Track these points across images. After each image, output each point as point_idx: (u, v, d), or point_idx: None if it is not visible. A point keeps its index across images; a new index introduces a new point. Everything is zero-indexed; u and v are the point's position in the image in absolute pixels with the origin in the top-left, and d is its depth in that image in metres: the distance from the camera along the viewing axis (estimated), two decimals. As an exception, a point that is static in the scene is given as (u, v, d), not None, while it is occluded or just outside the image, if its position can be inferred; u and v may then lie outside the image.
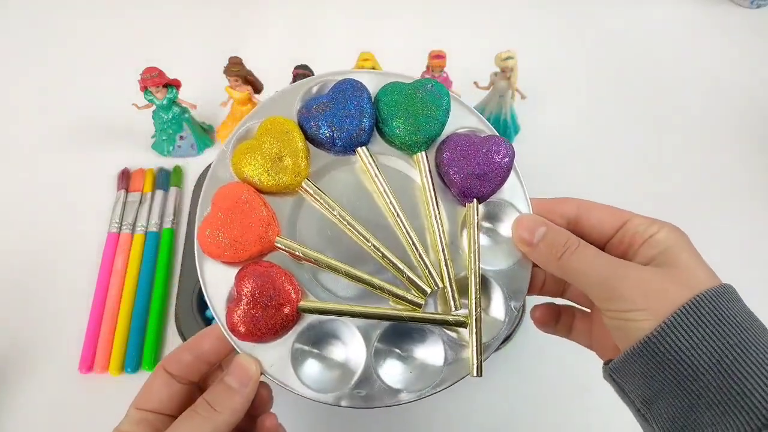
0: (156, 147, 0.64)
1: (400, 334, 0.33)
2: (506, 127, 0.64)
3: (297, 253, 0.33)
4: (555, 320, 0.37)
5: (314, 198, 0.34)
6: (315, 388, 0.32)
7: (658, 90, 0.71)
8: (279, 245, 0.33)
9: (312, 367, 0.32)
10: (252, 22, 0.77)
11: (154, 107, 0.60)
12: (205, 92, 0.64)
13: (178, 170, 0.63)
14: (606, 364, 0.31)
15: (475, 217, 0.34)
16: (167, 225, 0.58)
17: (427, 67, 0.58)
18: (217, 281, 0.33)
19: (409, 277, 0.33)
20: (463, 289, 0.34)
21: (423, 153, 0.35)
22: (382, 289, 0.33)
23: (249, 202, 0.33)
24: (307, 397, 0.32)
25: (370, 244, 0.33)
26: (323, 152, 0.35)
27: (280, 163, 0.33)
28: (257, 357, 0.32)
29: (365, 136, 0.34)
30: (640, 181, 0.63)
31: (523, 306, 0.52)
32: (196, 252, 0.33)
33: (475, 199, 0.35)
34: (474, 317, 0.33)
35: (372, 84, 0.36)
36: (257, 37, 0.75)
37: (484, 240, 0.35)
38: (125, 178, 0.61)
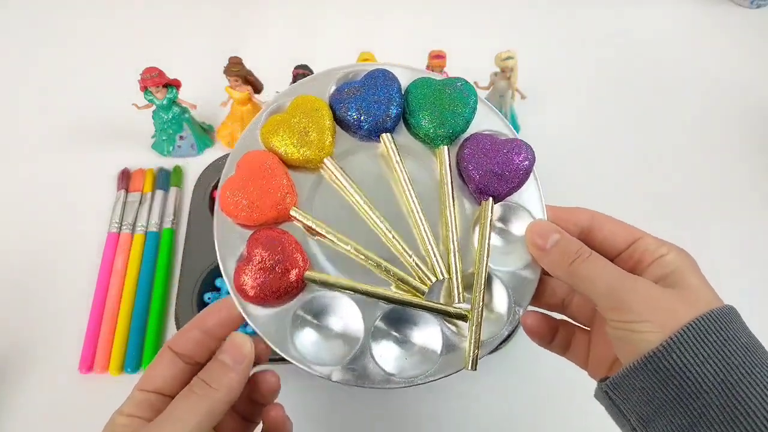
0: (156, 147, 0.64)
1: (400, 319, 0.34)
2: (506, 127, 0.64)
3: (310, 224, 0.34)
4: (551, 334, 0.36)
5: (334, 176, 0.35)
6: (310, 358, 0.32)
7: (658, 90, 0.71)
8: (294, 215, 0.34)
9: (309, 338, 0.33)
10: (252, 22, 0.77)
11: (154, 107, 0.60)
12: (205, 92, 0.64)
13: (178, 170, 0.63)
14: (601, 381, 0.31)
15: (489, 215, 0.35)
16: (167, 225, 0.59)
17: (427, 67, 0.58)
18: (231, 243, 0.34)
19: (416, 263, 0.34)
20: (468, 285, 0.34)
21: (445, 147, 0.36)
22: (388, 270, 0.33)
23: (272, 170, 0.34)
24: (300, 366, 0.32)
25: (382, 227, 0.34)
26: (348, 138, 0.36)
27: (306, 137, 0.34)
28: (266, 330, 0.33)
29: (391, 123, 0.36)
30: (640, 181, 0.63)
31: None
32: (215, 212, 0.34)
33: (490, 198, 0.35)
34: (476, 311, 0.33)
35: (404, 77, 0.37)
36: (257, 37, 0.75)
37: (495, 240, 0.35)
38: (125, 178, 0.62)
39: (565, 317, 0.37)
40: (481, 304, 0.33)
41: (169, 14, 0.78)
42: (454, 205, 0.35)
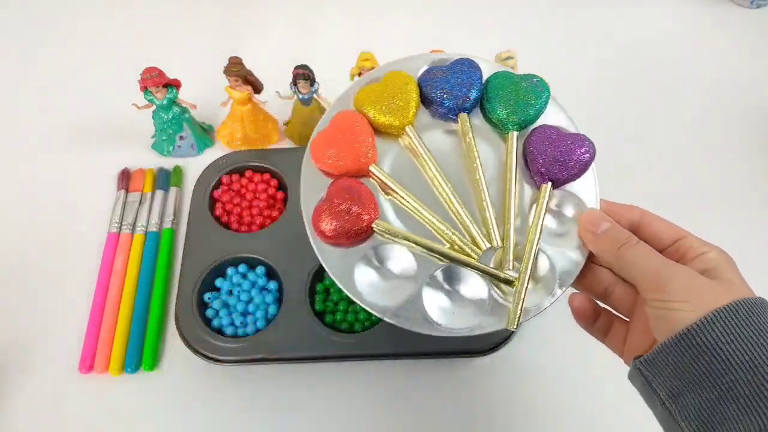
0: (156, 147, 0.64)
1: (452, 278, 0.37)
2: (506, 127, 0.64)
3: (385, 181, 0.38)
4: (594, 318, 0.38)
5: (411, 144, 0.40)
6: (366, 297, 0.36)
7: (658, 90, 0.71)
8: (373, 170, 0.39)
9: (369, 279, 0.37)
10: (252, 22, 0.77)
11: (154, 107, 0.60)
12: (205, 92, 0.64)
13: (178, 170, 0.63)
14: (636, 359, 0.33)
15: (546, 197, 0.38)
16: (167, 225, 0.59)
17: (427, 67, 0.58)
18: (314, 187, 0.39)
19: (475, 230, 0.38)
20: (518, 256, 0.37)
21: (515, 132, 0.40)
22: (447, 232, 0.37)
23: (360, 128, 0.39)
24: (359, 302, 0.36)
25: (448, 192, 0.38)
26: (427, 115, 0.41)
27: (392, 106, 0.39)
28: (334, 264, 0.37)
29: (469, 104, 0.40)
30: (640, 181, 0.63)
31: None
32: (304, 159, 0.39)
33: (549, 182, 0.38)
34: (524, 276, 0.36)
35: (486, 70, 0.41)
36: (257, 37, 0.75)
37: (549, 221, 0.38)
38: (125, 178, 0.62)
39: (606, 307, 0.39)
40: (528, 272, 0.36)
41: (169, 14, 0.78)
42: (515, 183, 0.39)
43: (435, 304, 0.36)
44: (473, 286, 0.37)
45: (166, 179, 0.62)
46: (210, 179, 0.60)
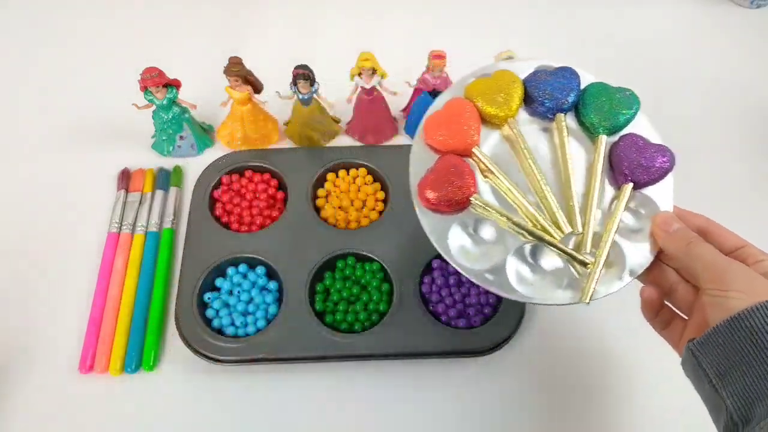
0: (156, 147, 0.64)
1: (535, 254, 0.42)
2: (506, 127, 0.64)
3: (486, 162, 0.43)
4: (658, 309, 0.42)
5: (511, 134, 0.45)
6: (456, 258, 0.42)
7: (658, 90, 0.71)
8: (476, 152, 0.44)
9: (461, 243, 0.43)
10: (252, 22, 0.77)
11: (154, 107, 0.60)
12: (205, 92, 0.64)
13: (178, 170, 0.63)
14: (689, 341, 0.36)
15: (627, 195, 0.43)
16: (167, 225, 0.59)
17: (428, 67, 0.58)
18: (420, 161, 0.44)
19: (561, 216, 0.42)
20: (595, 245, 0.42)
21: (604, 136, 0.45)
22: (535, 214, 0.42)
23: (469, 113, 0.44)
24: (448, 259, 0.42)
25: (539, 178, 0.43)
26: (526, 114, 0.46)
27: (498, 99, 0.45)
28: (431, 225, 0.43)
29: (566, 107, 0.45)
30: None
31: (523, 308, 0.52)
32: (416, 135, 0.45)
33: (631, 183, 0.43)
34: (601, 258, 0.41)
35: (585, 79, 0.47)
36: (257, 37, 0.75)
37: (626, 218, 0.43)
38: (125, 178, 0.62)
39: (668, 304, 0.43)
40: (604, 257, 0.41)
41: (169, 14, 0.78)
42: (601, 181, 0.43)
43: (517, 274, 0.42)
44: (552, 263, 0.42)
45: (166, 179, 0.62)
46: (210, 179, 0.60)
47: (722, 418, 0.34)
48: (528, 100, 0.46)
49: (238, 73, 0.57)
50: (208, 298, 0.53)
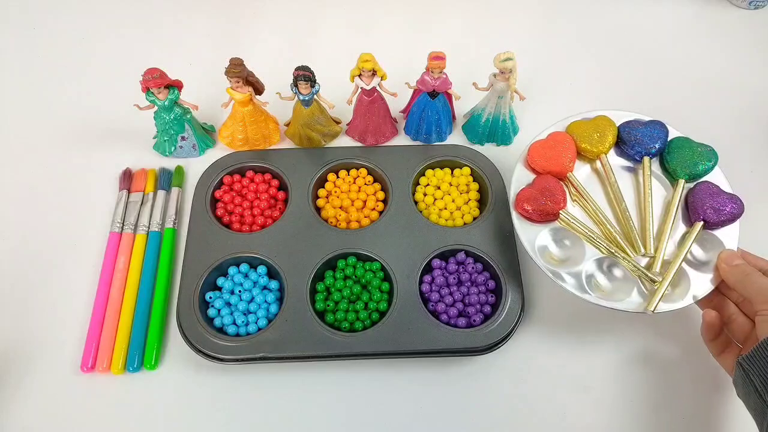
0: (157, 148, 0.64)
1: (611, 267, 0.51)
2: (505, 128, 0.64)
3: (577, 187, 0.54)
4: (717, 333, 0.47)
5: (601, 168, 0.56)
6: (539, 257, 0.50)
7: (658, 90, 0.72)
8: (570, 177, 0.54)
9: (547, 245, 0.52)
10: (253, 23, 0.78)
11: (155, 108, 0.60)
12: (206, 93, 0.64)
13: (179, 170, 0.63)
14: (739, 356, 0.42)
15: (697, 231, 0.51)
16: (169, 225, 0.59)
17: (427, 68, 0.58)
18: (520, 178, 0.55)
19: (636, 239, 0.51)
20: (663, 268, 0.50)
21: (683, 180, 0.54)
22: (612, 237, 0.52)
23: (568, 145, 0.55)
24: (534, 257, 0.50)
25: (622, 207, 0.53)
26: (616, 155, 0.57)
27: (594, 138, 0.55)
28: (524, 234, 0.51)
29: (653, 153, 0.55)
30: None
31: (523, 307, 0.53)
32: (521, 156, 0.56)
33: (702, 222, 0.51)
34: (668, 278, 0.49)
35: (672, 134, 0.57)
36: (258, 38, 0.75)
37: (695, 250, 0.52)
38: (127, 178, 0.62)
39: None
40: (671, 275, 0.49)
41: (169, 15, 0.78)
42: (675, 217, 0.53)
43: (592, 280, 0.50)
44: (623, 277, 0.51)
45: (167, 179, 0.62)
46: (211, 179, 0.60)
47: (765, 423, 0.38)
48: (620, 143, 0.56)
49: (239, 74, 0.57)
50: (210, 298, 0.54)
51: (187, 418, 0.50)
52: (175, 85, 0.59)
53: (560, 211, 0.52)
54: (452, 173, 0.62)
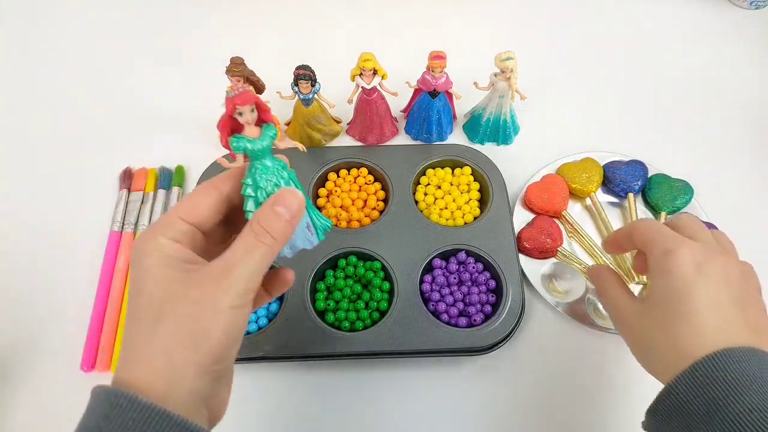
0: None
1: None
2: (506, 128, 0.64)
3: (571, 221, 0.59)
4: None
5: (591, 205, 0.61)
6: (542, 288, 0.55)
7: (658, 90, 0.72)
8: (565, 215, 0.59)
9: (552, 280, 0.57)
10: (253, 22, 0.78)
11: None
12: (207, 93, 0.64)
13: (180, 170, 0.63)
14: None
15: None
16: (169, 224, 0.59)
17: (428, 68, 0.58)
18: (520, 218, 0.59)
19: (628, 268, 0.57)
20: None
21: (665, 213, 0.59)
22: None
23: (560, 186, 0.60)
24: (540, 290, 0.55)
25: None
26: (603, 192, 0.62)
27: (584, 178, 0.61)
28: (529, 267, 0.56)
29: (636, 189, 0.60)
30: (640, 181, 0.63)
31: (523, 306, 0.53)
32: (519, 197, 0.61)
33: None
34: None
35: (652, 170, 0.62)
36: (259, 38, 0.75)
37: None
38: (127, 178, 0.62)
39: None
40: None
41: (169, 14, 0.78)
42: None
43: (594, 307, 0.54)
44: None
45: (168, 179, 0.62)
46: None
47: None
48: (606, 181, 0.61)
49: (240, 73, 0.57)
50: (210, 297, 0.53)
51: (187, 417, 0.50)
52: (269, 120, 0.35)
53: (558, 248, 0.56)
54: (453, 173, 0.62)
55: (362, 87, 0.59)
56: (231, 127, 0.34)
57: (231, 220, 0.35)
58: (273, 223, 0.31)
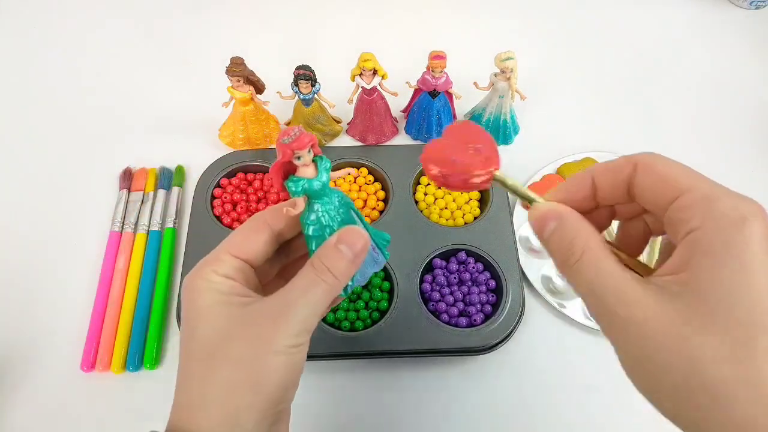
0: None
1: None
2: (506, 128, 0.64)
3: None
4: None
5: None
6: (544, 293, 0.54)
7: (658, 90, 0.72)
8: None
9: (553, 285, 0.54)
10: (253, 22, 0.78)
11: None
12: (207, 93, 0.64)
13: (180, 170, 0.63)
14: None
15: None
16: (169, 224, 0.59)
17: (428, 68, 0.58)
18: (522, 221, 0.57)
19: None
20: None
21: None
22: None
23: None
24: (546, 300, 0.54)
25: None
26: None
27: None
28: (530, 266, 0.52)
29: None
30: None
31: (523, 306, 0.53)
32: (518, 201, 0.53)
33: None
34: None
35: None
36: (259, 37, 0.75)
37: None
38: (127, 177, 0.62)
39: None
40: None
41: (169, 14, 0.78)
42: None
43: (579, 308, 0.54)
44: None
45: (168, 178, 0.62)
46: (212, 179, 0.60)
47: None
48: None
49: (240, 73, 0.57)
50: (210, 297, 0.53)
51: (187, 417, 0.50)
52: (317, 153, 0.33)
53: (497, 171, 0.31)
54: (453, 173, 0.61)
55: (362, 87, 0.59)
56: (284, 171, 0.32)
57: (279, 253, 0.34)
58: (335, 261, 0.30)
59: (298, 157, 0.31)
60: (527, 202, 0.29)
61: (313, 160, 0.32)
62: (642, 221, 0.27)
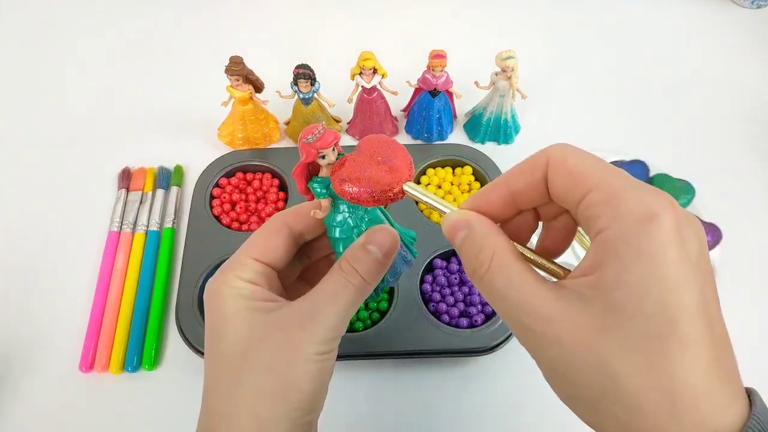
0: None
1: None
2: (507, 127, 0.64)
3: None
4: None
5: None
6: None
7: (658, 90, 0.71)
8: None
9: None
10: (253, 21, 0.77)
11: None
12: (207, 93, 0.64)
13: (179, 169, 0.63)
14: None
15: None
16: (168, 224, 0.58)
17: (428, 67, 0.58)
18: None
19: None
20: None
21: None
22: None
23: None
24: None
25: None
26: None
27: None
28: None
29: None
30: (641, 180, 0.63)
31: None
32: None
33: None
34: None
35: (654, 170, 0.60)
36: (258, 36, 0.75)
37: None
38: (126, 177, 0.61)
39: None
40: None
41: (169, 13, 0.78)
42: None
43: None
44: None
45: (167, 178, 0.62)
46: (211, 179, 0.60)
47: None
48: None
49: (240, 72, 0.57)
50: (209, 297, 0.53)
51: (185, 418, 0.50)
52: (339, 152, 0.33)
53: (407, 182, 0.29)
54: (453, 172, 0.61)
55: (362, 86, 0.59)
56: (308, 172, 0.31)
57: (300, 254, 0.33)
58: (364, 263, 0.29)
59: (323, 157, 0.29)
60: (439, 213, 0.27)
61: (338, 159, 0.30)
62: (567, 217, 0.26)
